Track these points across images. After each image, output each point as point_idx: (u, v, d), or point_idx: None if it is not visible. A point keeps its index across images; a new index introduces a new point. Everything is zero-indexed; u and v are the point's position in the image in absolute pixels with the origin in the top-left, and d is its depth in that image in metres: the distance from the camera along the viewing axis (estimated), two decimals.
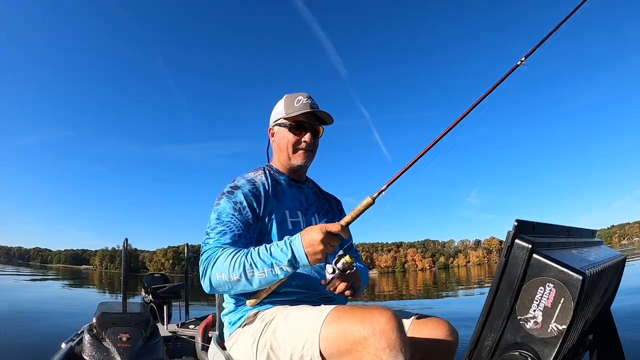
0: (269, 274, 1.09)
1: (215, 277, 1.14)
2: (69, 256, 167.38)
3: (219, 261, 1.14)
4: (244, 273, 1.10)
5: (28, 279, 34.82)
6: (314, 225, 1.09)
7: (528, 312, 0.74)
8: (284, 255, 1.08)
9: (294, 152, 1.39)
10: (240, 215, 1.25)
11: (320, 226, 1.06)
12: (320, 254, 1.06)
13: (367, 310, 0.95)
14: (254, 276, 1.10)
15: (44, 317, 9.09)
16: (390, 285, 31.96)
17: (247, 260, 1.10)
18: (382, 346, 0.89)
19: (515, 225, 0.77)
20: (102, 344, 2.39)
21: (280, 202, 1.35)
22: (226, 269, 1.11)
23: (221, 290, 1.18)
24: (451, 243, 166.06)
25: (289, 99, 1.41)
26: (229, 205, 1.25)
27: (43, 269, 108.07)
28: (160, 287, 4.65)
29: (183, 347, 3.91)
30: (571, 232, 1.09)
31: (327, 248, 1.06)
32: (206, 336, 1.75)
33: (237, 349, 1.22)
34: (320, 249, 1.05)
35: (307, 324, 1.04)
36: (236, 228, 1.22)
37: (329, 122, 1.43)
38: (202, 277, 1.18)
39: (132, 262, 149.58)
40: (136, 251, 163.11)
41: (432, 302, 12.61)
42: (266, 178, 1.37)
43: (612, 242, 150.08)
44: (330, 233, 1.06)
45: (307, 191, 1.49)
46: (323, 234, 1.04)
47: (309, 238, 1.06)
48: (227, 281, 1.12)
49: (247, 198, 1.27)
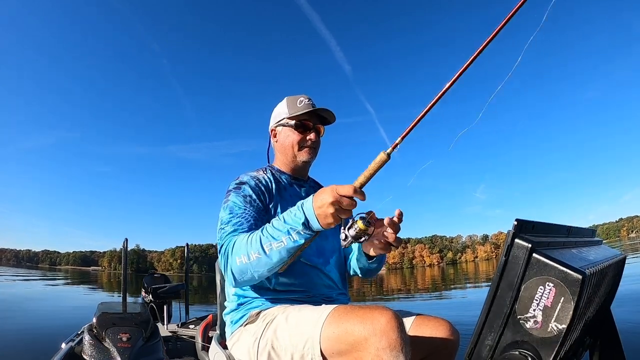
0: (288, 241, 1.03)
1: (236, 264, 1.09)
2: (77, 258, 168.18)
3: (236, 246, 1.11)
4: (261, 248, 1.05)
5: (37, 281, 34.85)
6: (325, 188, 1.02)
7: (528, 311, 0.74)
8: (297, 220, 1.02)
9: (300, 150, 1.41)
10: (252, 207, 1.25)
11: (332, 187, 0.99)
12: (331, 217, 0.99)
13: (368, 310, 0.95)
14: (272, 248, 1.04)
15: (44, 317, 9.09)
16: (398, 282, 31.93)
17: (263, 234, 1.07)
18: (383, 346, 0.89)
19: (515, 224, 0.77)
20: (102, 344, 2.39)
21: (283, 199, 1.37)
22: (245, 250, 1.08)
23: (246, 278, 1.11)
24: (459, 238, 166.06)
25: (291, 100, 1.43)
26: (239, 199, 1.26)
27: (52, 271, 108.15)
28: (160, 287, 4.65)
29: (183, 347, 3.91)
30: (571, 232, 1.09)
31: (338, 212, 0.98)
32: (206, 336, 1.75)
33: (239, 348, 1.22)
34: (331, 213, 0.98)
35: (308, 323, 1.04)
36: (252, 218, 1.22)
37: (330, 121, 1.45)
38: (224, 270, 1.14)
39: (140, 262, 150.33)
40: (144, 252, 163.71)
41: (438, 301, 12.60)
42: (268, 176, 1.39)
43: (620, 235, 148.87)
44: (343, 196, 0.98)
45: (309, 190, 1.50)
46: (333, 196, 0.97)
47: (319, 200, 0.99)
48: (247, 263, 1.07)
49: (254, 191, 1.29)
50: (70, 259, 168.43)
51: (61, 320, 8.13)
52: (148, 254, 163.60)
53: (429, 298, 13.70)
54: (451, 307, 10.33)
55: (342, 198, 0.97)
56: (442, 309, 9.48)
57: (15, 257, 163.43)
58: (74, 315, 8.79)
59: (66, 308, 11.57)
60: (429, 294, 15.92)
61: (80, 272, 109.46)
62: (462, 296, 13.79)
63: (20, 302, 13.37)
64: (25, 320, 8.40)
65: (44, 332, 6.36)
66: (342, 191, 0.97)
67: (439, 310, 9.19)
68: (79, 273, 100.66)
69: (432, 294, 16.20)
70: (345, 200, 0.98)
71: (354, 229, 1.04)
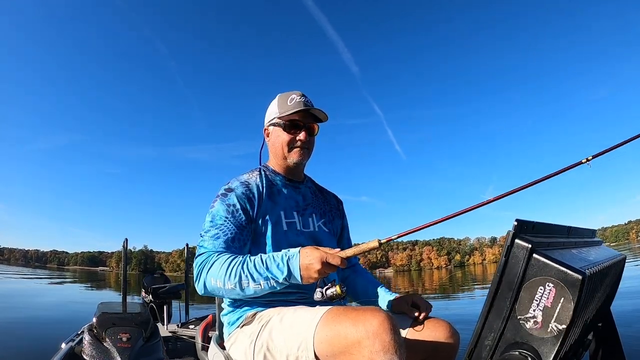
0: (265, 285, 1.11)
1: (210, 282, 1.16)
2: (85, 258, 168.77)
3: (214, 267, 1.15)
4: (239, 283, 1.11)
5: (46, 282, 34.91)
6: (314, 250, 1.07)
7: (528, 311, 0.74)
8: (279, 272, 1.09)
9: (290, 151, 1.38)
10: (234, 218, 1.25)
11: (321, 254, 1.05)
12: (313, 279, 1.07)
13: (361, 311, 0.95)
14: (248, 286, 1.12)
15: (44, 316, 9.09)
16: (405, 284, 31.95)
17: (244, 271, 1.11)
18: (377, 349, 0.88)
19: (515, 225, 0.77)
20: (102, 344, 2.39)
21: (275, 203, 1.35)
22: (222, 277, 1.13)
23: (215, 294, 1.21)
24: (467, 241, 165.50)
25: (282, 98, 1.39)
26: (223, 208, 1.26)
27: (60, 271, 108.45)
28: (160, 287, 4.64)
29: (183, 347, 3.91)
30: (571, 232, 1.09)
31: (322, 275, 1.07)
32: (206, 336, 1.75)
33: (236, 349, 1.22)
34: (315, 277, 1.06)
35: (302, 325, 1.04)
36: (229, 231, 1.23)
37: (323, 119, 1.41)
38: (196, 280, 1.20)
39: (147, 263, 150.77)
40: (152, 252, 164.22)
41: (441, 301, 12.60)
42: (261, 179, 1.36)
43: (629, 238, 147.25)
44: (329, 264, 1.05)
45: (305, 191, 1.47)
46: (322, 264, 1.04)
47: (307, 262, 1.06)
48: (221, 288, 1.14)
49: (240, 200, 1.27)
50: (79, 259, 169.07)
51: (61, 320, 8.13)
52: (156, 254, 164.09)
53: (434, 299, 13.69)
54: (454, 307, 10.33)
55: (330, 267, 1.05)
56: (444, 310, 9.47)
57: (23, 257, 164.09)
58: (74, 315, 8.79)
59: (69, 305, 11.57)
60: (435, 295, 15.92)
61: (88, 272, 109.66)
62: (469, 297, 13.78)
63: (20, 302, 13.36)
64: (25, 320, 8.40)
65: (44, 332, 6.36)
66: (331, 260, 1.05)
67: (441, 311, 9.18)
68: (87, 273, 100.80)
69: (437, 294, 16.20)
70: (331, 268, 1.06)
71: (332, 291, 1.11)
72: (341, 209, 1.59)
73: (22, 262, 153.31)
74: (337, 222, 1.54)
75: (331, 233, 1.48)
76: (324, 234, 1.43)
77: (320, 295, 1.12)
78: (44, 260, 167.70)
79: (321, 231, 1.42)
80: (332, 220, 1.51)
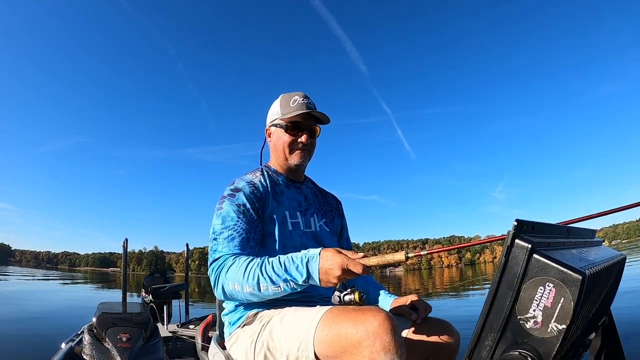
0: (285, 287, 1.08)
1: (228, 286, 1.13)
2: (96, 259, 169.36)
3: (231, 271, 1.13)
4: (257, 286, 1.08)
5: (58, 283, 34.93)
6: (336, 254, 1.02)
7: (528, 311, 0.74)
8: (299, 274, 1.05)
9: (291, 153, 1.39)
10: (245, 218, 1.24)
11: (343, 260, 1.00)
12: (332, 284, 1.04)
13: (361, 312, 0.95)
14: (267, 289, 1.08)
15: (44, 317, 9.08)
16: (416, 283, 32.05)
17: (262, 273, 1.08)
18: (377, 349, 0.88)
19: (515, 225, 0.77)
20: (102, 344, 2.39)
21: (279, 203, 1.35)
22: (239, 280, 1.10)
23: (234, 297, 1.16)
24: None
25: (284, 99, 1.39)
26: (233, 209, 1.24)
27: (71, 272, 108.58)
28: (160, 287, 4.64)
29: (183, 347, 3.91)
30: (571, 232, 1.09)
31: (341, 281, 1.04)
32: (206, 336, 1.75)
33: (237, 349, 1.22)
34: (334, 282, 1.03)
35: (302, 325, 1.04)
36: (243, 231, 1.21)
37: (325, 121, 1.42)
38: (214, 285, 1.17)
39: (158, 264, 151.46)
40: (162, 253, 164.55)
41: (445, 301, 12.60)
42: (264, 179, 1.37)
43: None
44: (350, 271, 1.01)
45: (306, 191, 1.48)
46: (342, 270, 1.00)
47: (327, 266, 1.02)
48: (240, 292, 1.12)
49: (249, 200, 1.27)
50: (90, 260, 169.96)
51: (61, 320, 8.13)
52: (166, 255, 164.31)
53: (444, 298, 13.68)
54: (454, 307, 10.33)
55: (350, 273, 1.01)
56: (445, 310, 9.47)
57: (35, 259, 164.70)
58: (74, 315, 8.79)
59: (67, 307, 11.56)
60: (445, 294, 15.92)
61: (99, 273, 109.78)
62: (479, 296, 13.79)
63: (21, 301, 13.36)
64: (25, 320, 8.40)
65: (44, 332, 6.36)
66: (352, 268, 1.00)
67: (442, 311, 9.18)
68: (98, 274, 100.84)
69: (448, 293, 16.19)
70: (351, 275, 1.02)
71: (350, 298, 1.07)
72: (340, 209, 1.61)
73: (33, 264, 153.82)
74: (337, 222, 1.55)
75: (332, 232, 1.49)
76: (325, 233, 1.43)
77: (337, 299, 1.08)
78: (55, 261, 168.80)
79: (323, 231, 1.43)
80: (332, 220, 1.52)
